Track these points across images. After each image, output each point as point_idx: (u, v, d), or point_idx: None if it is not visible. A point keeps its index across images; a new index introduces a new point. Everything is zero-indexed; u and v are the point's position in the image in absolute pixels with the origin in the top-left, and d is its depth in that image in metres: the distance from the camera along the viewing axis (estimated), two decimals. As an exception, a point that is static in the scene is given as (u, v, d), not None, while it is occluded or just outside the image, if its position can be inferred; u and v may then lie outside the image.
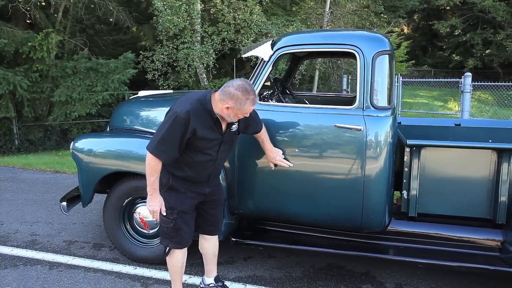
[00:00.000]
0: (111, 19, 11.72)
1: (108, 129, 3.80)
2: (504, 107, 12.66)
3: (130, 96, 5.06)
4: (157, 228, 3.31)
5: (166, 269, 3.27)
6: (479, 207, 2.90)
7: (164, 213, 2.50)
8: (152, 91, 4.21)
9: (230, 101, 2.33)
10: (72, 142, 3.46)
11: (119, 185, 3.31)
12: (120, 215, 3.36)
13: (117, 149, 3.28)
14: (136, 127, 3.49)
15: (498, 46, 24.68)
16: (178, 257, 2.65)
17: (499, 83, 10.14)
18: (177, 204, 2.51)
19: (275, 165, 2.86)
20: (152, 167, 2.39)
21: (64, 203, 3.47)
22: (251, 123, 2.69)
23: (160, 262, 3.33)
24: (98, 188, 3.40)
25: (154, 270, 3.29)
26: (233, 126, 2.53)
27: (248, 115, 2.46)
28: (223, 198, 2.77)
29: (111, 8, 10.88)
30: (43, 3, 10.61)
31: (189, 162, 2.45)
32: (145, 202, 3.27)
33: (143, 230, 3.35)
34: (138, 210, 3.33)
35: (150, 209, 2.49)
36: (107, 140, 3.44)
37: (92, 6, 11.06)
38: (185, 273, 3.25)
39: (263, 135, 2.82)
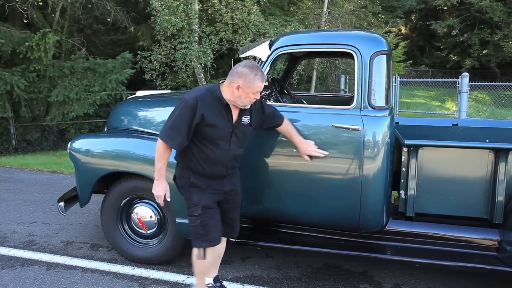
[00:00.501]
0: (108, 19, 11.71)
1: (105, 129, 3.79)
2: (501, 107, 12.71)
3: (128, 96, 5.05)
4: (155, 228, 3.31)
5: (164, 269, 3.28)
6: (476, 207, 2.90)
7: (188, 211, 2.52)
8: (150, 91, 4.20)
9: (239, 80, 2.36)
10: (70, 142, 3.45)
11: (117, 185, 3.31)
12: (118, 215, 3.35)
13: (115, 149, 3.28)
14: (134, 127, 3.48)
15: (495, 46, 24.75)
16: (208, 259, 2.61)
17: (496, 83, 10.18)
18: (200, 200, 2.50)
19: (311, 157, 2.82)
20: (160, 153, 2.45)
21: (62, 204, 3.46)
22: (266, 119, 2.69)
23: (158, 263, 3.33)
24: (96, 189, 3.39)
25: (152, 270, 3.28)
26: (245, 118, 2.53)
27: (258, 95, 2.47)
28: (240, 199, 2.74)
29: (109, 8, 10.86)
30: (40, 3, 10.58)
31: (202, 156, 2.46)
32: (143, 202, 3.31)
33: (141, 230, 3.35)
34: (136, 210, 3.33)
35: (155, 194, 2.54)
36: (104, 140, 3.43)
37: (90, 6, 11.04)
38: (184, 273, 3.25)
39: (289, 129, 2.80)
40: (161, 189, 2.54)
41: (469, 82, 7.82)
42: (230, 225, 2.72)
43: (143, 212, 3.30)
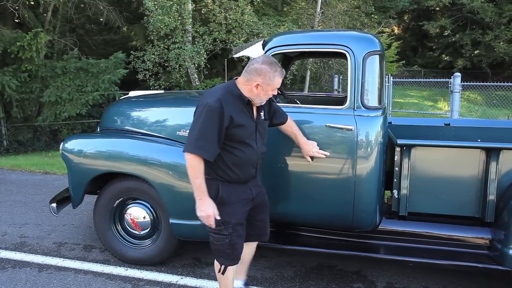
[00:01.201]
0: (101, 19, 11.64)
1: (98, 130, 3.77)
2: (492, 107, 12.83)
3: (121, 97, 5.03)
4: (148, 229, 3.29)
5: (157, 270, 3.27)
6: (468, 206, 2.93)
7: (215, 229, 2.33)
8: (143, 91, 4.19)
9: (258, 78, 2.26)
10: (62, 143, 3.43)
11: (110, 186, 3.29)
12: (111, 216, 3.33)
13: (108, 150, 3.26)
14: (127, 127, 3.46)
15: (487, 47, 25.00)
16: (231, 272, 2.49)
17: (488, 83, 10.28)
18: (231, 218, 2.34)
19: (312, 158, 2.77)
20: (194, 168, 2.21)
21: (54, 205, 3.43)
22: (273, 114, 2.62)
23: (151, 263, 3.32)
24: (89, 189, 3.37)
25: (145, 271, 3.27)
26: (261, 113, 2.45)
27: (276, 91, 2.39)
28: (267, 199, 2.61)
29: (101, 7, 10.80)
30: (32, 2, 10.50)
31: (234, 159, 2.31)
32: (136, 203, 3.30)
33: (134, 231, 3.33)
34: (129, 211, 3.31)
35: (204, 215, 2.25)
36: (97, 140, 3.41)
37: (82, 5, 10.97)
38: (177, 273, 3.24)
39: (294, 129, 2.74)
40: (209, 207, 2.24)
41: (461, 82, 7.89)
42: (261, 227, 2.59)
43: (136, 213, 3.29)
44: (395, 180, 3.01)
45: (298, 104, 3.72)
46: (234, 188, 2.36)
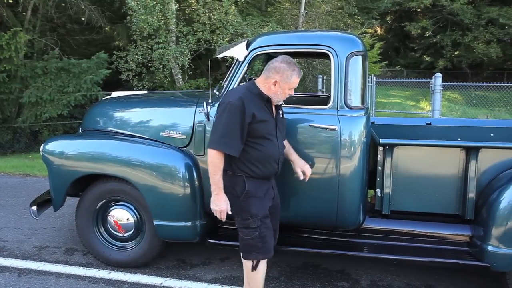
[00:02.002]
0: (83, 18, 11.46)
1: (80, 131, 3.71)
2: (472, 107, 13.11)
3: (104, 97, 4.95)
4: (132, 231, 3.26)
5: (141, 272, 3.24)
6: (449, 204, 2.98)
7: (244, 223, 2.39)
8: (126, 92, 4.14)
9: (276, 75, 2.36)
10: (43, 145, 3.37)
11: (93, 188, 3.25)
12: (94, 218, 3.29)
13: (90, 151, 3.22)
14: (110, 128, 3.42)
15: (466, 48, 25.53)
16: (261, 270, 2.48)
17: (468, 83, 10.49)
18: (259, 211, 2.40)
19: (303, 173, 2.70)
20: (215, 164, 2.32)
21: (34, 208, 3.37)
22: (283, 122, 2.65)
23: (134, 266, 3.29)
24: (70, 191, 3.32)
25: (129, 273, 3.23)
26: (280, 112, 2.54)
27: (293, 91, 2.47)
28: (279, 202, 2.68)
29: (83, 7, 10.64)
30: (11, 1, 10.27)
31: (257, 155, 2.38)
32: (120, 205, 3.26)
33: (117, 233, 3.29)
34: (112, 213, 3.27)
35: (217, 209, 2.37)
36: (79, 142, 3.37)
37: (63, 4, 10.80)
38: (162, 275, 3.22)
39: (287, 143, 2.74)
40: (223, 203, 2.36)
41: (442, 82, 8.02)
42: (274, 230, 2.61)
43: (120, 215, 3.25)
44: (378, 179, 3.05)
45: (283, 104, 3.73)
46: (259, 183, 2.43)
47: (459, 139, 3.55)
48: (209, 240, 3.10)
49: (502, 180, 2.80)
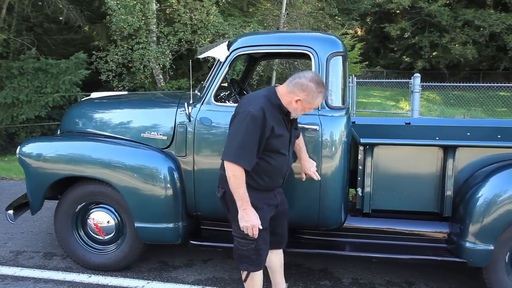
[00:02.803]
0: (60, 18, 11.25)
1: (59, 133, 3.64)
2: (450, 106, 13.41)
3: (83, 98, 4.86)
4: (112, 233, 3.21)
5: (122, 275, 3.20)
6: (428, 202, 3.04)
7: (241, 234, 2.30)
8: (106, 93, 4.08)
9: (301, 93, 2.23)
10: (19, 147, 3.28)
11: (72, 190, 3.19)
12: (73, 221, 3.23)
13: (69, 153, 3.15)
14: (89, 130, 3.36)
15: (444, 49, 26.09)
16: (258, 278, 2.43)
17: (445, 84, 10.73)
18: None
19: (305, 175, 2.72)
20: (237, 178, 2.16)
21: (11, 211, 3.28)
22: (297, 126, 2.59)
23: (115, 269, 3.24)
24: (48, 194, 3.25)
25: (109, 277, 3.18)
26: (294, 124, 2.46)
27: (312, 110, 2.40)
28: (287, 207, 2.62)
29: (61, 6, 10.43)
30: (-15, 0, 9.99)
31: (267, 168, 2.29)
32: (100, 207, 3.21)
33: (97, 236, 3.24)
34: (92, 216, 3.22)
35: (249, 225, 2.21)
36: (58, 143, 3.30)
37: (40, 3, 10.56)
38: (143, 278, 3.18)
39: (301, 143, 2.69)
40: (254, 217, 2.21)
41: (420, 82, 8.18)
42: (282, 234, 2.59)
43: (100, 218, 3.20)
44: (359, 178, 3.09)
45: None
46: (260, 195, 2.34)
47: (437, 138, 3.63)
48: (191, 241, 3.08)
49: (478, 178, 2.87)
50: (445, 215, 2.98)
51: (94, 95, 3.91)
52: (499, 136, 3.57)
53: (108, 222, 3.19)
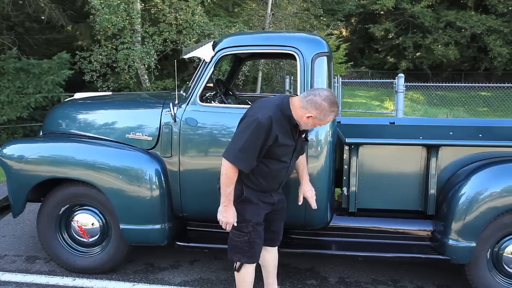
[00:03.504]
0: (42, 17, 11.04)
1: (41, 134, 3.58)
2: (433, 106, 13.63)
3: (66, 99, 4.78)
4: (97, 236, 3.17)
5: (108, 278, 3.16)
6: (412, 200, 3.09)
7: (236, 225, 2.38)
8: (89, 93, 4.03)
9: (314, 111, 2.28)
10: (0, 148, 3.22)
11: (55, 192, 3.14)
12: (57, 224, 3.18)
13: (52, 155, 3.11)
14: (73, 131, 3.32)
15: (427, 49, 26.50)
16: (249, 272, 2.50)
17: (428, 84, 10.91)
18: (252, 217, 2.40)
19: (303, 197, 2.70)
20: (229, 177, 2.27)
21: (-8, 215, 3.22)
22: (302, 143, 2.60)
23: (100, 272, 3.20)
24: (31, 197, 3.20)
25: (94, 280, 3.14)
26: (303, 135, 2.50)
27: (322, 125, 2.45)
28: (285, 206, 2.67)
29: (42, 5, 10.24)
30: (-37, -2, 9.75)
31: (264, 171, 2.36)
32: (84, 209, 3.17)
33: (82, 239, 3.20)
34: (76, 218, 3.18)
35: (224, 220, 2.34)
36: (40, 145, 3.25)
37: (21, 2, 10.35)
38: (129, 280, 3.15)
39: (303, 164, 2.69)
40: (232, 215, 2.33)
41: (404, 82, 8.28)
42: (277, 233, 2.64)
43: (84, 220, 3.16)
44: (344, 177, 3.11)
45: (250, 105, 3.74)
46: (256, 192, 2.42)
47: (420, 137, 3.69)
48: (177, 242, 3.06)
49: (461, 177, 2.93)
50: (429, 213, 3.02)
51: (78, 95, 3.86)
52: (480, 135, 3.64)
53: (92, 224, 3.15)
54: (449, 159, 3.01)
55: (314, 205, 2.66)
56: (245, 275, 2.50)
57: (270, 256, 2.69)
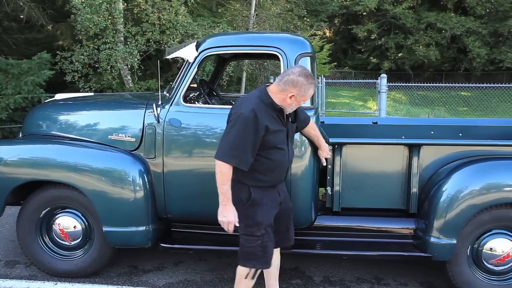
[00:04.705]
0: (21, 16, 10.82)
1: (20, 136, 3.50)
2: (415, 106, 13.84)
3: (47, 99, 4.67)
4: (79, 239, 3.12)
5: (90, 282, 3.12)
6: (395, 199, 3.13)
7: (247, 230, 2.36)
8: (71, 94, 3.97)
9: (294, 89, 2.29)
10: (-22, 151, 3.13)
11: (35, 195, 3.08)
12: (37, 227, 3.12)
13: (32, 157, 3.05)
14: (53, 132, 3.26)
15: (409, 50, 26.95)
16: (254, 279, 2.46)
17: (411, 84, 11.07)
18: (263, 219, 2.36)
19: (326, 160, 2.91)
20: (224, 174, 2.25)
21: (-30, 219, 3.13)
22: (299, 117, 2.61)
23: (83, 275, 3.15)
24: (10, 200, 3.13)
25: (77, 284, 3.09)
26: (290, 118, 2.49)
27: (306, 102, 2.44)
28: (291, 205, 2.65)
29: (21, 3, 10.03)
30: None
31: (268, 164, 2.35)
32: (66, 212, 3.11)
33: (64, 242, 3.14)
34: (57, 221, 3.12)
35: (225, 220, 2.30)
36: (20, 147, 3.19)
37: (-1, 1, 10.11)
38: (112, 283, 3.11)
39: (317, 132, 2.80)
40: (232, 214, 2.30)
41: (387, 83, 8.39)
42: (286, 233, 2.61)
43: (66, 223, 3.11)
44: (328, 177, 3.14)
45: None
46: (265, 191, 2.40)
47: (403, 137, 3.74)
48: (162, 244, 3.04)
49: (441, 175, 2.98)
50: (411, 212, 3.07)
51: (59, 96, 3.79)
52: (460, 134, 3.72)
53: (74, 227, 3.11)
54: (431, 158, 3.07)
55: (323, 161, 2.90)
56: (252, 282, 2.47)
57: (273, 257, 2.63)
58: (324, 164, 2.93)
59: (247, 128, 2.24)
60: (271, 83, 2.44)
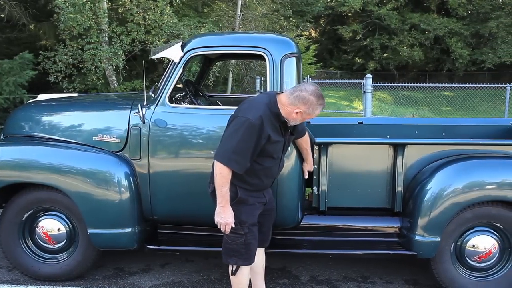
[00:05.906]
0: (2, 15, 10.60)
1: (2, 137, 3.43)
2: (400, 106, 14.02)
3: (29, 100, 4.58)
4: (63, 242, 3.07)
5: (75, 285, 3.07)
6: (380, 198, 3.16)
7: (234, 226, 2.36)
8: (54, 95, 3.90)
9: (302, 106, 2.30)
10: (-43, 153, 3.06)
11: (18, 198, 3.03)
12: (20, 230, 3.06)
13: (14, 159, 3.00)
14: (36, 133, 3.20)
15: (393, 51, 27.27)
16: (245, 274, 2.49)
17: (395, 84, 11.21)
18: (248, 218, 2.39)
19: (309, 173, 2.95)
20: (224, 177, 2.26)
21: (-51, 223, 3.06)
22: (297, 128, 2.60)
23: (68, 278, 3.11)
24: (-9, 203, 3.06)
25: (61, 287, 3.04)
26: (289, 130, 2.50)
27: (309, 119, 2.46)
28: (275, 206, 2.69)
29: (2, 2, 9.84)
30: None
31: (258, 170, 2.37)
32: (49, 215, 3.07)
33: (47, 245, 3.09)
34: (41, 224, 3.07)
35: (223, 222, 2.31)
36: (1, 148, 3.11)
37: (-22, -1, 9.90)
38: (98, 286, 3.08)
39: (308, 146, 2.83)
40: (230, 216, 2.31)
41: (372, 83, 8.48)
42: (266, 232, 2.64)
43: (50, 225, 3.06)
44: (314, 177, 3.15)
45: (220, 106, 3.73)
46: (251, 192, 2.42)
47: (388, 136, 3.78)
48: (148, 246, 3.01)
49: (426, 174, 3.02)
50: (396, 210, 3.11)
51: (41, 97, 3.73)
52: (443, 134, 3.78)
53: (58, 229, 3.06)
54: (415, 157, 3.10)
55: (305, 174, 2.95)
56: (241, 277, 2.50)
57: (258, 257, 2.67)
58: (306, 177, 2.97)
59: (252, 135, 2.25)
60: (281, 92, 2.47)
